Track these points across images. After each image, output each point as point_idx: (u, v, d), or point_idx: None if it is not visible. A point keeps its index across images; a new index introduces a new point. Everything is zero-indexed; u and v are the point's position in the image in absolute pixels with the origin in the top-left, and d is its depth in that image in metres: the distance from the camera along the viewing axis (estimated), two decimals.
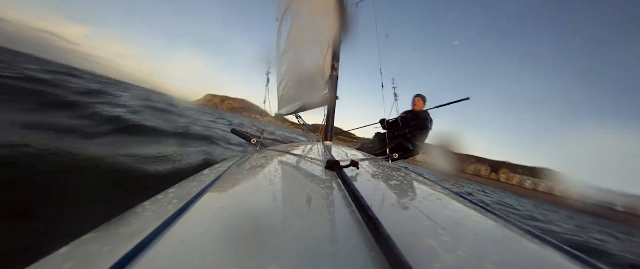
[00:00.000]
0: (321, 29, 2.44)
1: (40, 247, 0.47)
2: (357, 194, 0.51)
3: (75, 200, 1.32)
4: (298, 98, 2.82)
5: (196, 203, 0.52)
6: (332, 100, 2.18)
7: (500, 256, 0.43)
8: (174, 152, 2.65)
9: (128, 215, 0.54)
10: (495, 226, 0.60)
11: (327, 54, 2.32)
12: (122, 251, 0.33)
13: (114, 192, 1.54)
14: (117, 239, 0.43)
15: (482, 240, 0.48)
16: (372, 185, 0.78)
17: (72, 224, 1.05)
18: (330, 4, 2.33)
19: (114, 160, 1.92)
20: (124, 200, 0.69)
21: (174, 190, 0.72)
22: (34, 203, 1.25)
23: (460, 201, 0.78)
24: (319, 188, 0.67)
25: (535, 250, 0.51)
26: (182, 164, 2.36)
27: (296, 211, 0.51)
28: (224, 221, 0.44)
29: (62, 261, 0.37)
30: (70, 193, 1.39)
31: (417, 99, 2.95)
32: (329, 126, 2.10)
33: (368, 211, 0.43)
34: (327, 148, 1.45)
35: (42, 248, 0.40)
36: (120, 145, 2.67)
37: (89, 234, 0.46)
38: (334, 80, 2.22)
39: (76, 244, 0.42)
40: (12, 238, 1.03)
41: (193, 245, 0.35)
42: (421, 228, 0.48)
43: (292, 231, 0.41)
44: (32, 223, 1.13)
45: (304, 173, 0.86)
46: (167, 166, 2.18)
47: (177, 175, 2.11)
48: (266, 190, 0.63)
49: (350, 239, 0.39)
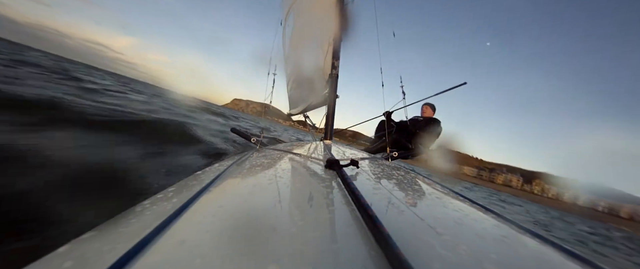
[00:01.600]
0: (322, 28, 2.43)
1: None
2: (357, 193, 0.51)
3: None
4: (303, 98, 2.84)
5: (196, 202, 0.52)
6: (333, 99, 2.18)
7: (500, 255, 0.43)
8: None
9: (128, 215, 0.54)
10: (495, 225, 0.60)
11: (327, 53, 2.32)
12: (122, 250, 0.33)
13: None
14: (117, 239, 0.42)
15: (482, 239, 0.48)
16: (372, 184, 0.78)
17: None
18: (330, 2, 2.33)
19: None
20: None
21: (173, 190, 0.72)
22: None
23: (460, 200, 0.78)
24: (319, 187, 0.67)
25: (535, 249, 0.51)
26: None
27: (296, 211, 0.51)
28: (223, 220, 0.44)
29: (62, 261, 0.37)
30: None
31: (426, 107, 3.11)
32: (329, 125, 2.09)
33: (368, 210, 0.43)
34: (327, 148, 1.45)
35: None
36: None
37: (88, 233, 0.46)
38: (334, 79, 2.22)
39: (76, 244, 0.42)
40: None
41: (193, 244, 0.35)
42: (421, 227, 0.48)
43: (292, 230, 0.40)
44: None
45: (303, 172, 0.86)
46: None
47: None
48: (266, 189, 0.63)
49: (350, 239, 0.39)
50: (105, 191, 1.49)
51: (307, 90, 2.75)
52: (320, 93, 2.45)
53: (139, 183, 1.69)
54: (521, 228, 0.60)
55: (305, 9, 2.77)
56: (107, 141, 2.36)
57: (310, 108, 2.84)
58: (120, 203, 0.68)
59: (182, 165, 2.38)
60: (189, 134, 3.50)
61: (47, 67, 6.80)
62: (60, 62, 12.17)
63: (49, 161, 1.53)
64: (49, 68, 6.62)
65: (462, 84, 2.79)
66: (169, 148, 2.76)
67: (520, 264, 0.43)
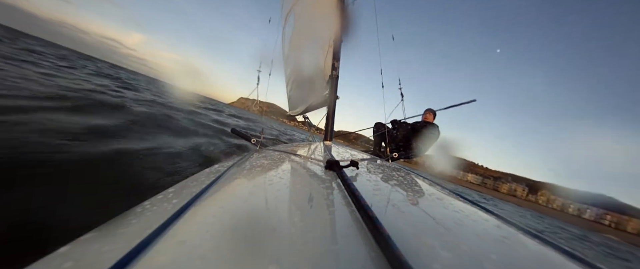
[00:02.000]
0: (322, 29, 2.44)
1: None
2: (357, 194, 0.51)
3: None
4: (304, 99, 2.85)
5: (196, 203, 0.52)
6: (333, 100, 2.18)
7: (500, 256, 0.43)
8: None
9: (128, 215, 0.54)
10: (495, 226, 0.60)
11: (328, 54, 2.32)
12: (123, 251, 0.33)
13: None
14: (118, 240, 0.43)
15: (482, 240, 0.48)
16: (372, 185, 0.78)
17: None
18: (331, 3, 2.33)
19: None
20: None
21: (173, 190, 0.72)
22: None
23: (460, 201, 0.78)
24: (319, 188, 0.67)
25: (535, 250, 0.51)
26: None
27: (296, 211, 0.51)
28: (224, 221, 0.44)
29: (62, 261, 0.37)
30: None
31: (428, 113, 3.25)
32: (329, 126, 2.09)
33: (368, 211, 0.43)
34: (327, 148, 1.45)
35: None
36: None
37: (89, 234, 0.46)
38: (334, 80, 2.22)
39: (76, 244, 0.42)
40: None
41: (193, 245, 0.35)
42: (421, 228, 0.48)
43: (292, 231, 0.40)
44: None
45: (303, 173, 0.86)
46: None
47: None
48: (266, 190, 0.63)
49: (350, 239, 0.39)
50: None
51: (307, 90, 2.76)
52: (320, 94, 2.46)
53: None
54: (521, 230, 0.60)
55: (306, 9, 2.78)
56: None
57: (311, 109, 2.84)
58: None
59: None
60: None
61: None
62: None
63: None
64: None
65: (471, 101, 2.84)
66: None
67: (520, 265, 0.43)
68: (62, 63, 8.19)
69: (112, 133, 2.52)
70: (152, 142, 2.72)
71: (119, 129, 2.72)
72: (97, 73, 8.73)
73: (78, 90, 4.13)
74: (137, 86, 8.99)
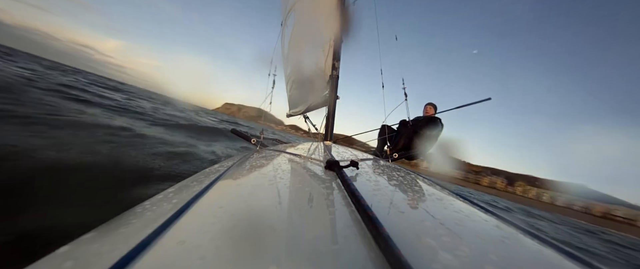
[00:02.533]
0: (322, 29, 2.44)
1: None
2: (356, 194, 0.51)
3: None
4: (304, 99, 2.84)
5: (196, 203, 0.52)
6: (333, 100, 2.18)
7: (500, 256, 0.43)
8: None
9: (128, 215, 0.54)
10: (495, 226, 0.60)
11: (328, 54, 2.32)
12: (122, 251, 0.33)
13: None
14: (117, 240, 0.43)
15: (481, 240, 0.48)
16: (372, 185, 0.78)
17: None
18: (331, 3, 2.33)
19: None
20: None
21: (173, 190, 0.72)
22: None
23: (460, 201, 0.78)
24: (319, 188, 0.67)
25: (534, 250, 0.51)
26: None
27: (296, 212, 0.51)
28: (224, 221, 0.44)
29: (62, 261, 0.37)
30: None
31: (429, 107, 3.17)
32: (329, 126, 2.10)
33: (368, 211, 0.43)
34: (327, 149, 1.45)
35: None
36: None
37: (89, 234, 0.46)
38: (334, 80, 2.22)
39: (76, 244, 0.42)
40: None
41: (193, 245, 0.35)
42: (421, 228, 0.48)
43: (292, 231, 0.41)
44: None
45: (303, 173, 0.86)
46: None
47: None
48: (266, 190, 0.63)
49: (350, 239, 0.39)
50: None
51: (307, 90, 2.76)
52: (320, 94, 2.45)
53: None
54: (521, 230, 0.60)
55: (306, 9, 2.77)
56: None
57: (311, 109, 2.84)
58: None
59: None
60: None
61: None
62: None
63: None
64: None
65: (487, 99, 2.79)
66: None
67: (520, 265, 0.43)
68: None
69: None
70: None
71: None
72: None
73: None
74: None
